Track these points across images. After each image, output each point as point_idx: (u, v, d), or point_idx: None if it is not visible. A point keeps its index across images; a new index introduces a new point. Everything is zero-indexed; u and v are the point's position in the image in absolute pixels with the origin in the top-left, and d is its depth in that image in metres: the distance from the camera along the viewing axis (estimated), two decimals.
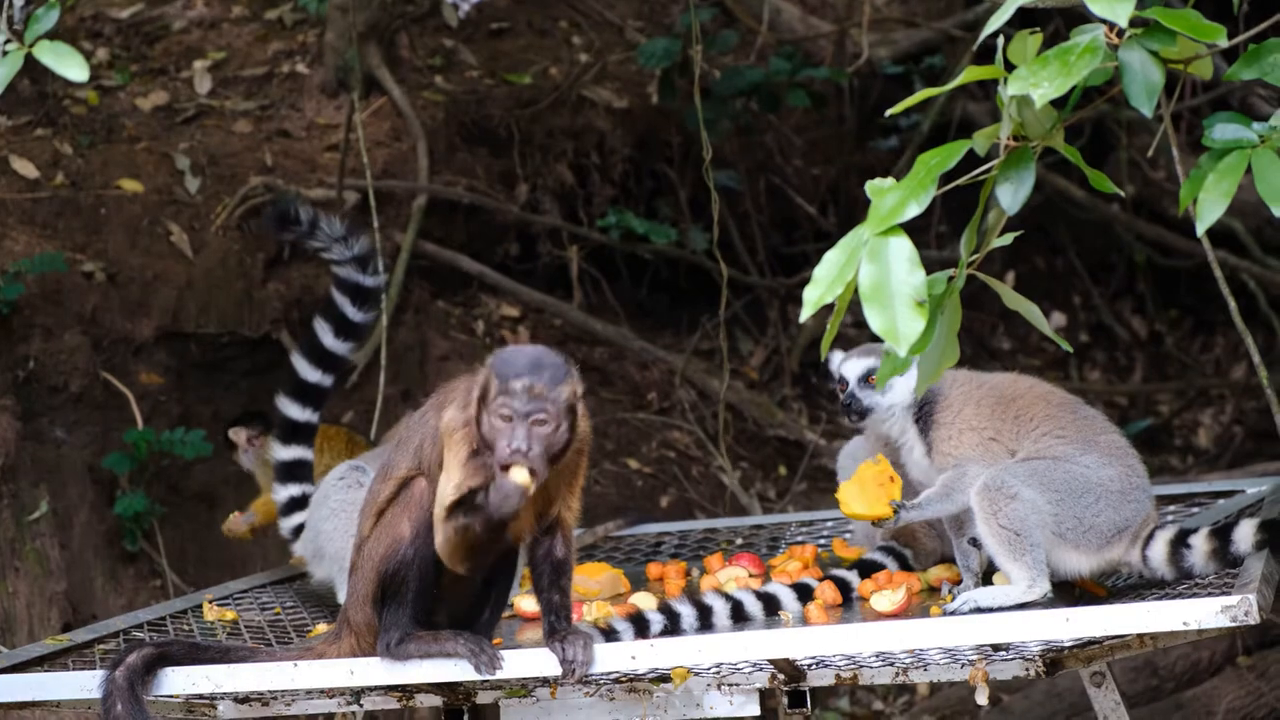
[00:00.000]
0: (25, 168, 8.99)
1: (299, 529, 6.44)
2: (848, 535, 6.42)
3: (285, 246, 9.02)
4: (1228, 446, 10.85)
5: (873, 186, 3.51)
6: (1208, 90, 10.41)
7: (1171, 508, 6.19)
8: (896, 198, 3.46)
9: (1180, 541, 5.16)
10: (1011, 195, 3.55)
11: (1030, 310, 3.77)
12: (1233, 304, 5.23)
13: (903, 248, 3.44)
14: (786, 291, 10.69)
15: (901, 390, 5.40)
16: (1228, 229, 10.48)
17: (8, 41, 3.97)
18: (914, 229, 3.53)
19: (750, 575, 5.88)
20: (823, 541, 6.39)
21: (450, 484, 4.82)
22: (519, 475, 4.73)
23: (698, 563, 6.21)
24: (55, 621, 7.79)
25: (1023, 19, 3.84)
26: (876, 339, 3.66)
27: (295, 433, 6.53)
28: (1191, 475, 10.06)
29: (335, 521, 6.13)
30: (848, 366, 5.42)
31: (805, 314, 3.51)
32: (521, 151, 10.15)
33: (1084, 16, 3.60)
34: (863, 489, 5.28)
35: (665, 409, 9.97)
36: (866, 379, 5.39)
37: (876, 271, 3.47)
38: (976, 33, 3.71)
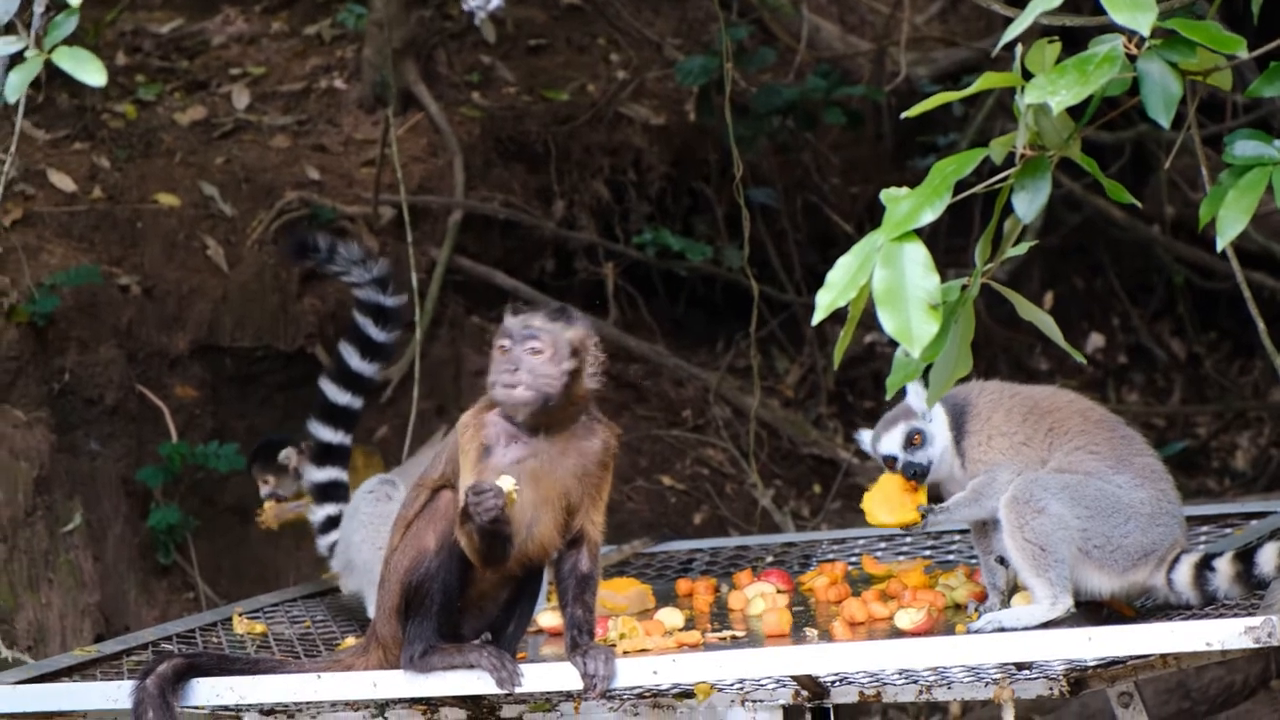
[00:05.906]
0: (63, 181, 9.02)
1: (335, 546, 6.48)
2: (879, 553, 6.41)
3: None
4: (1265, 469, 10.77)
5: (888, 194, 3.51)
6: (1248, 112, 10.35)
7: (1205, 528, 6.16)
8: (911, 204, 3.46)
9: (1205, 565, 5.11)
10: (1027, 204, 3.54)
11: (1045, 322, 3.75)
12: (1261, 324, 5.19)
13: (917, 253, 3.44)
14: None
15: (942, 433, 5.33)
16: (1266, 251, 10.41)
17: (28, 48, 3.98)
18: (948, 249, 3.53)
19: (778, 591, 5.87)
20: (853, 559, 6.37)
21: (465, 487, 4.81)
22: (504, 482, 4.71)
23: (728, 579, 6.20)
24: (88, 633, 7.79)
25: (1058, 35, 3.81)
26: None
27: (328, 454, 6.62)
28: (1228, 497, 9.99)
29: (364, 533, 6.18)
30: (884, 444, 5.30)
31: (817, 318, 3.50)
32: (558, 168, 10.15)
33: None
34: (886, 498, 5.24)
35: (700, 426, 9.95)
36: (910, 442, 5.32)
37: (891, 276, 3.47)
38: (1015, 52, 3.69)
